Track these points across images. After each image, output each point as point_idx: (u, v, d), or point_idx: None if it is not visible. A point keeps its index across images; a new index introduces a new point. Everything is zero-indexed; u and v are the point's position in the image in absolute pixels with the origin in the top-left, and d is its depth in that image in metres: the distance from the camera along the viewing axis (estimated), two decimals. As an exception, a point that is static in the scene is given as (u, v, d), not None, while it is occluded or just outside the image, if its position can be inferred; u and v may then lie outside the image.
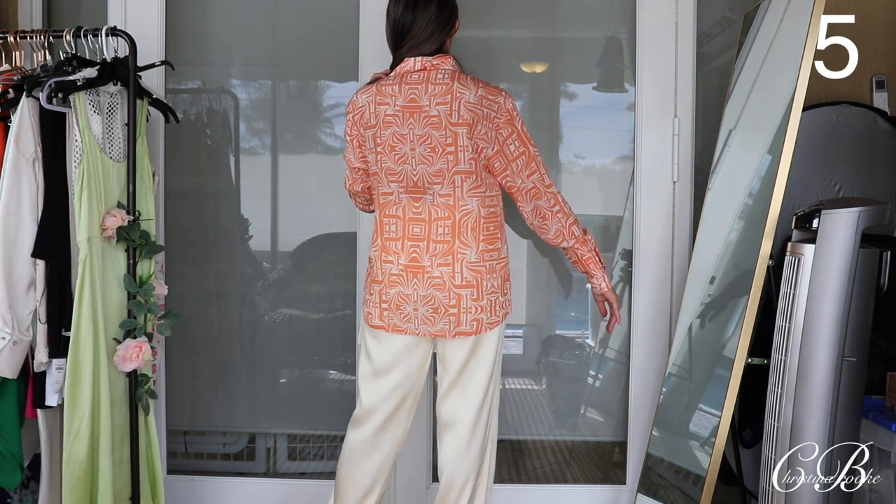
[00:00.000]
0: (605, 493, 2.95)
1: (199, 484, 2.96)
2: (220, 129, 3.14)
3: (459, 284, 2.20)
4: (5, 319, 2.21)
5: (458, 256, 2.20)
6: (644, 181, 2.87)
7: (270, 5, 3.15)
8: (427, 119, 2.18)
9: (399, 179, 2.22)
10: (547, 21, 3.11)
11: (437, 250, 2.21)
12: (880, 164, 2.82)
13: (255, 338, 3.16)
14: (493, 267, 2.24)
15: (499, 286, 2.25)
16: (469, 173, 2.19)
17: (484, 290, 2.22)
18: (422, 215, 2.22)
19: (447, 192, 2.20)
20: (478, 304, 2.22)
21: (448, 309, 2.21)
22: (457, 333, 2.23)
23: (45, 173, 2.26)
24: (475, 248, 2.21)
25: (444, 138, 2.17)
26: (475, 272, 2.21)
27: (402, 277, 2.23)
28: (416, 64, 2.20)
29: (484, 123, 2.18)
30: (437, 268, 2.21)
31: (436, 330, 2.24)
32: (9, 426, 2.28)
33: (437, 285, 2.21)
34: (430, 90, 2.18)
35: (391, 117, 2.20)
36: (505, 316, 2.29)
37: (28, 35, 2.42)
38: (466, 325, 2.22)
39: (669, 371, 2.71)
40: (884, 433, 2.20)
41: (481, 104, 2.17)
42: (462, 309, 2.21)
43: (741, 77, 2.71)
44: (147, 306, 2.41)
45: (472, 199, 2.20)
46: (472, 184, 2.20)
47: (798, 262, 2.14)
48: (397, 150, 2.21)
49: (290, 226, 3.17)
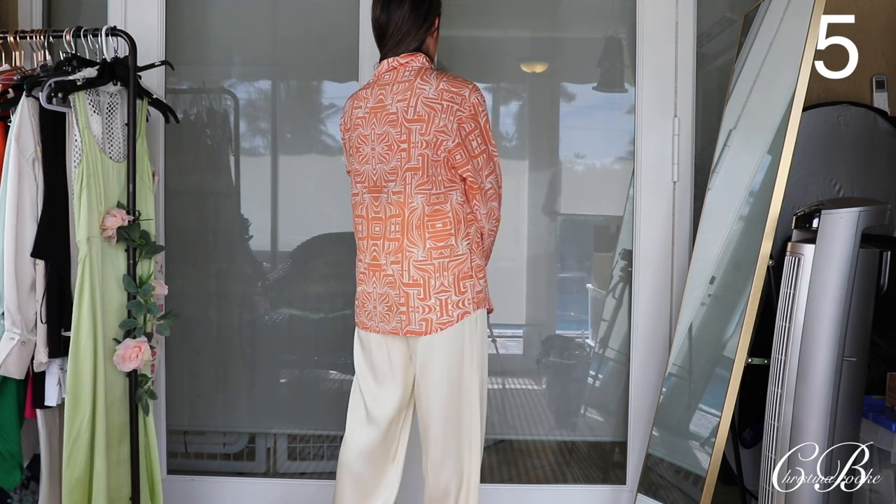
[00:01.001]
0: (605, 493, 2.95)
1: (199, 484, 2.96)
2: (220, 129, 3.14)
3: (407, 283, 2.19)
4: (14, 320, 2.22)
5: (407, 254, 2.19)
6: (644, 181, 2.87)
7: (270, 5, 3.15)
8: (387, 117, 2.19)
9: (363, 180, 2.24)
10: (547, 21, 3.11)
11: (390, 248, 2.21)
12: (880, 164, 2.82)
13: (255, 338, 3.16)
14: (445, 265, 2.18)
15: (451, 285, 2.18)
16: (417, 169, 2.18)
17: (431, 289, 2.18)
18: (380, 214, 2.23)
19: (398, 190, 2.19)
20: (425, 303, 2.18)
21: (399, 307, 2.20)
22: (407, 332, 2.21)
23: (45, 173, 2.26)
24: (422, 246, 2.18)
25: (399, 135, 2.17)
26: (422, 271, 2.18)
27: (366, 276, 2.26)
28: (388, 65, 2.22)
29: (443, 116, 2.15)
30: (391, 265, 2.21)
31: (391, 328, 2.23)
32: (8, 426, 2.28)
33: (390, 283, 2.21)
34: (395, 89, 2.19)
35: (360, 119, 2.23)
36: (463, 316, 2.18)
37: (28, 35, 2.42)
38: (415, 325, 2.19)
39: (669, 371, 2.71)
40: (884, 433, 2.20)
41: (441, 97, 2.15)
42: (410, 307, 2.19)
43: (741, 77, 2.71)
44: (147, 306, 2.41)
45: (417, 196, 2.18)
46: (419, 180, 2.18)
47: (798, 262, 2.14)
48: (361, 150, 2.23)
49: (290, 226, 3.17)
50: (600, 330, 3.16)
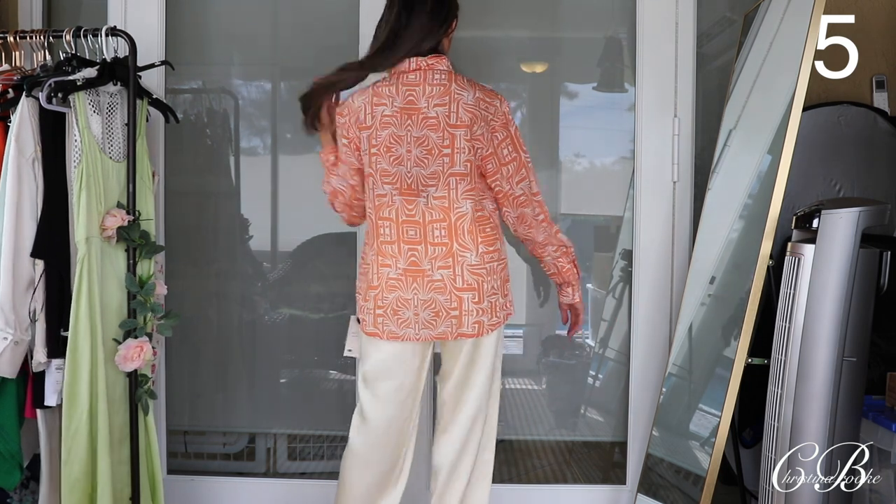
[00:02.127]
0: (605, 493, 2.95)
1: (199, 484, 2.96)
2: (220, 129, 3.14)
3: (461, 287, 2.20)
4: (7, 319, 2.21)
5: (459, 259, 2.20)
6: (644, 181, 2.87)
7: (270, 5, 3.15)
8: (425, 121, 2.18)
9: (393, 181, 2.21)
10: (547, 21, 3.11)
11: (435, 253, 2.20)
12: (880, 164, 2.82)
13: (255, 338, 3.16)
14: (494, 269, 2.24)
15: (499, 288, 2.25)
16: (464, 175, 2.19)
17: (485, 292, 2.22)
18: (416, 217, 2.21)
19: (442, 195, 2.20)
20: (479, 306, 2.22)
21: (450, 312, 2.21)
22: (459, 335, 2.23)
23: (45, 173, 2.26)
24: (475, 250, 2.21)
25: (442, 140, 2.17)
26: (476, 275, 2.21)
27: (401, 281, 2.21)
28: (412, 64, 2.20)
29: (481, 125, 2.18)
30: (438, 270, 2.20)
31: (437, 333, 2.23)
32: (8, 426, 2.28)
33: (438, 288, 2.20)
34: (428, 91, 2.18)
35: (389, 118, 2.20)
36: (506, 317, 2.30)
37: (28, 35, 2.42)
38: (468, 328, 2.22)
39: (669, 371, 2.71)
40: (884, 433, 2.20)
41: (479, 106, 2.18)
42: (464, 311, 2.21)
43: (741, 77, 2.71)
44: (149, 306, 2.41)
45: (466, 201, 2.21)
46: (466, 186, 2.20)
47: (798, 262, 2.14)
48: (393, 151, 2.20)
49: (290, 226, 3.17)
50: (600, 330, 3.16)
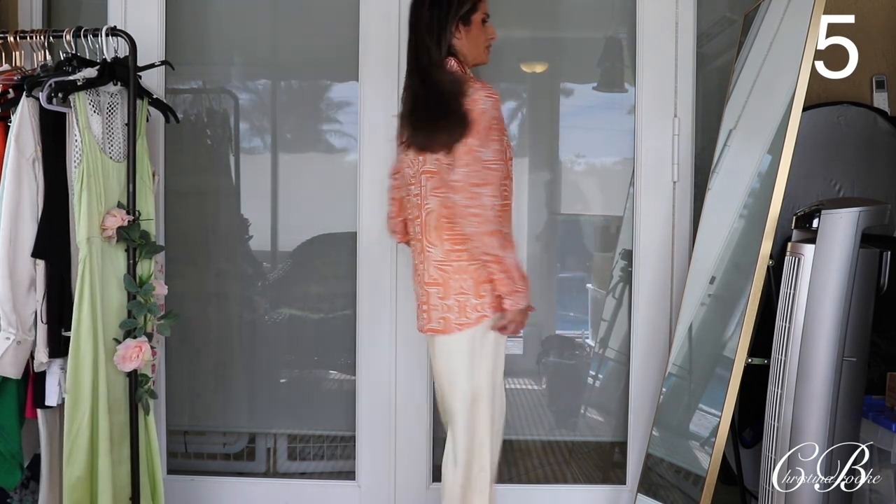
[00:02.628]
0: (605, 493, 2.95)
1: (199, 484, 2.96)
2: (220, 129, 3.14)
3: (428, 282, 2.24)
4: (10, 320, 2.21)
5: (427, 254, 2.24)
6: (644, 181, 2.87)
7: (270, 5, 3.15)
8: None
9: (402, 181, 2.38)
10: (547, 21, 3.11)
11: (416, 248, 2.30)
12: (880, 164, 2.82)
13: (255, 338, 3.15)
14: (464, 268, 2.20)
15: (471, 288, 2.20)
16: (433, 173, 2.21)
17: (451, 289, 2.21)
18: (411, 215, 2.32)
19: (417, 192, 2.26)
20: (444, 302, 2.22)
21: (422, 304, 2.27)
22: (428, 329, 2.27)
23: (45, 173, 2.26)
24: (440, 246, 2.22)
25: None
26: (441, 271, 2.22)
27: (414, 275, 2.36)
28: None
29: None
30: (419, 264, 2.29)
31: (419, 325, 2.31)
32: (9, 426, 2.28)
33: (417, 281, 2.30)
34: None
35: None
36: (479, 319, 2.20)
37: (28, 35, 2.42)
38: (435, 322, 2.24)
39: (669, 371, 2.71)
40: (884, 433, 2.20)
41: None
42: (431, 306, 2.24)
43: (741, 77, 2.71)
44: (147, 306, 2.41)
45: (433, 198, 2.22)
46: (434, 183, 2.21)
47: (798, 262, 2.14)
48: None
49: (290, 226, 3.17)
50: (600, 330, 3.16)
